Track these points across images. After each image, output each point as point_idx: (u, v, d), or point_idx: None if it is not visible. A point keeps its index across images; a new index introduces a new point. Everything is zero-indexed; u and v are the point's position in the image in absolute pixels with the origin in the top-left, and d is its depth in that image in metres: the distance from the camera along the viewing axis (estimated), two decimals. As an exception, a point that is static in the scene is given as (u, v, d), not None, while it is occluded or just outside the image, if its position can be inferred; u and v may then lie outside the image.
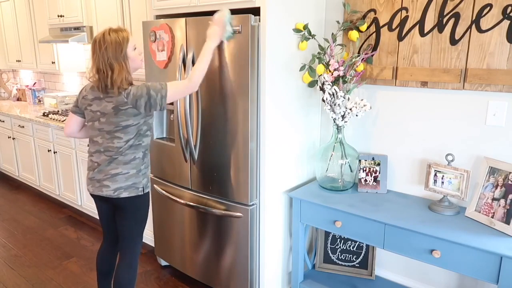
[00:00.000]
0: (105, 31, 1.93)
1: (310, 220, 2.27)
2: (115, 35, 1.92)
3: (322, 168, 2.39)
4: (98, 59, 1.90)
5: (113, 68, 1.90)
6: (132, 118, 1.94)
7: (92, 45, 1.93)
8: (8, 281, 2.82)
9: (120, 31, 1.95)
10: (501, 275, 1.68)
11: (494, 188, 1.91)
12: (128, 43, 1.95)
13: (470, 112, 2.07)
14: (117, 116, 1.93)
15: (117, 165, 1.99)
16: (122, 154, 1.99)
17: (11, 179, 4.98)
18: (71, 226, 3.69)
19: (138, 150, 2.02)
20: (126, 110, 1.92)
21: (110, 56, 1.89)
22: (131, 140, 1.98)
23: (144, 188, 2.07)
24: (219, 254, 2.47)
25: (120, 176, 1.99)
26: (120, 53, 1.91)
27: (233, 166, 2.26)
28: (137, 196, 2.04)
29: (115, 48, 1.90)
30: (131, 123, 1.95)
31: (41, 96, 5.05)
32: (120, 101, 1.91)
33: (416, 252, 1.89)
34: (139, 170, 2.04)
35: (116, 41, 1.91)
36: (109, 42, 1.90)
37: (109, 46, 1.89)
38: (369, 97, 2.39)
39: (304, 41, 2.24)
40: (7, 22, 4.87)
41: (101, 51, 1.89)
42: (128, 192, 2.01)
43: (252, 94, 2.11)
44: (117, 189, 2.00)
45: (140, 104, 1.93)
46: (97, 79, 1.94)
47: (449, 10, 2.02)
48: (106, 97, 1.94)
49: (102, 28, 3.47)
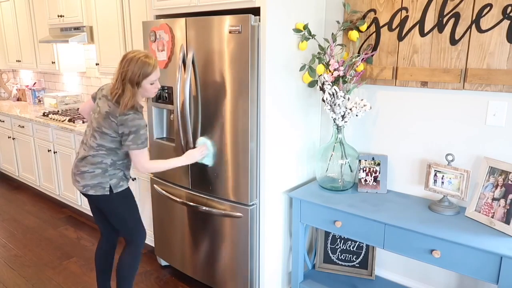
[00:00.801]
0: (137, 55, 2.04)
1: (310, 220, 2.27)
2: (141, 64, 2.02)
3: (322, 168, 2.39)
4: (118, 73, 2.06)
5: (124, 88, 2.04)
6: (112, 131, 2.10)
7: (122, 59, 2.07)
8: (8, 281, 2.82)
9: (148, 62, 2.04)
10: (501, 275, 1.68)
11: (494, 188, 1.91)
12: (148, 77, 2.06)
13: (470, 112, 2.07)
14: (104, 120, 2.10)
15: (85, 164, 2.15)
16: (92, 155, 2.14)
17: (11, 179, 4.98)
18: (71, 226, 3.69)
19: (107, 158, 2.15)
20: (112, 123, 2.08)
21: (127, 77, 2.03)
22: (104, 147, 2.13)
23: (112, 187, 2.17)
24: (219, 254, 2.47)
25: (87, 174, 2.15)
26: (134, 81, 2.04)
27: (233, 166, 2.26)
28: (105, 195, 2.16)
29: (134, 74, 2.02)
30: (109, 133, 2.11)
31: (41, 96, 5.06)
32: (114, 113, 2.07)
33: (416, 252, 1.89)
34: (105, 171, 2.15)
35: (139, 69, 2.02)
36: (132, 67, 2.02)
37: (130, 71, 2.02)
38: (369, 97, 2.39)
39: (304, 41, 2.24)
40: (7, 22, 4.87)
41: (123, 69, 2.03)
42: (94, 190, 2.15)
43: (252, 94, 2.11)
44: (85, 186, 2.15)
45: (121, 133, 2.08)
46: (113, 87, 2.09)
47: (449, 10, 2.02)
48: (110, 101, 2.09)
49: (102, 28, 3.47)
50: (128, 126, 2.05)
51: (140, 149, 2.09)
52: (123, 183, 2.22)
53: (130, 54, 2.05)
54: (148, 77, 2.05)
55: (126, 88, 2.03)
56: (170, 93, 2.50)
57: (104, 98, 2.14)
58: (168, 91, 2.50)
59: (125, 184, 2.24)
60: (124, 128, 2.05)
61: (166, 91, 2.51)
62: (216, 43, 2.17)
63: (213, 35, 2.18)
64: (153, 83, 2.10)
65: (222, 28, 2.12)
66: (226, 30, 2.11)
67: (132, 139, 2.06)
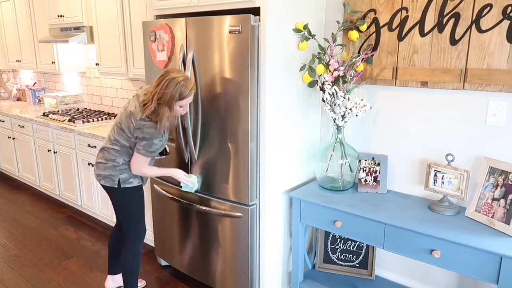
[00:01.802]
0: (179, 77, 2.06)
1: (310, 220, 2.27)
2: (180, 87, 2.05)
3: (322, 168, 2.39)
4: (155, 91, 2.07)
5: (158, 109, 2.06)
6: (128, 130, 2.18)
7: (162, 76, 2.08)
8: (8, 281, 2.82)
9: (187, 87, 2.07)
10: (501, 275, 1.68)
11: (494, 188, 1.91)
12: (182, 101, 2.10)
13: (470, 112, 2.07)
14: (126, 118, 2.18)
15: (102, 155, 2.28)
16: (108, 149, 2.25)
17: (11, 179, 4.98)
18: (71, 226, 3.69)
19: (120, 158, 2.24)
20: (131, 124, 2.15)
21: (163, 99, 2.05)
22: (119, 143, 2.21)
23: (120, 182, 2.25)
24: (219, 254, 2.47)
25: (100, 165, 2.27)
26: (169, 103, 2.07)
27: (233, 166, 2.26)
28: (113, 187, 2.26)
29: (172, 98, 2.06)
30: (126, 132, 2.18)
31: (41, 96, 5.06)
32: (135, 116, 2.12)
33: (416, 252, 1.89)
34: (116, 165, 2.24)
35: (176, 92, 2.05)
36: (171, 90, 2.04)
37: (168, 94, 2.05)
38: (369, 97, 2.39)
39: (304, 41, 2.24)
40: (7, 22, 4.87)
41: (162, 90, 2.05)
42: (105, 181, 2.27)
43: (252, 94, 2.11)
44: (98, 175, 2.29)
45: (136, 136, 2.15)
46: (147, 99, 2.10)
47: (449, 10, 2.02)
48: (138, 102, 2.15)
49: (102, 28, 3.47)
50: (144, 132, 2.11)
51: (147, 156, 2.17)
52: (133, 180, 2.29)
53: (171, 74, 2.07)
54: (182, 101, 2.10)
55: (162, 110, 2.07)
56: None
57: (135, 97, 2.20)
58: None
59: (135, 181, 2.30)
60: (139, 132, 2.12)
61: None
62: (216, 43, 2.17)
63: (213, 35, 2.18)
64: (182, 106, 2.14)
65: (222, 28, 2.12)
66: (226, 30, 2.11)
67: (144, 145, 2.14)
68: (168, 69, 2.12)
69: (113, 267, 2.62)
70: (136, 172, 2.24)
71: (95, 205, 3.66)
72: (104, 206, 3.55)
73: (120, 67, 3.45)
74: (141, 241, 2.42)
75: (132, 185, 2.29)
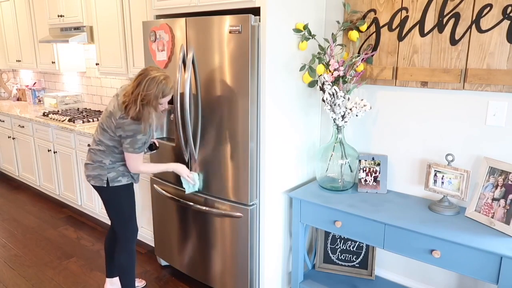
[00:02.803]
0: (159, 76, 2.07)
1: (310, 220, 2.27)
2: (161, 86, 2.07)
3: (322, 168, 2.39)
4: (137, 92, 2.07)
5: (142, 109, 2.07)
6: (110, 130, 2.18)
7: (141, 75, 2.09)
8: (8, 281, 2.82)
9: (168, 86, 2.10)
10: (501, 275, 1.68)
11: (494, 188, 1.91)
12: (162, 99, 2.11)
13: (470, 112, 2.07)
14: (106, 118, 2.19)
15: (89, 157, 2.30)
16: (94, 151, 2.26)
17: (11, 179, 4.98)
18: (71, 226, 3.69)
19: (107, 157, 2.24)
20: (111, 123, 2.16)
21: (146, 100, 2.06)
22: (103, 143, 2.22)
23: (109, 181, 2.25)
24: (219, 254, 2.47)
25: (89, 165, 2.29)
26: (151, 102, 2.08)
27: (233, 166, 2.26)
28: (102, 187, 2.27)
29: (155, 97, 2.07)
30: (108, 131, 2.19)
31: (41, 96, 5.06)
32: (115, 115, 2.13)
33: (416, 252, 1.89)
34: (103, 165, 2.25)
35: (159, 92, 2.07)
36: (153, 89, 2.05)
37: (151, 95, 2.06)
38: (369, 97, 2.39)
39: (304, 41, 2.24)
40: (7, 22, 4.87)
41: (144, 91, 2.05)
42: (94, 181, 2.27)
43: (252, 94, 2.11)
44: (88, 176, 2.30)
45: (119, 135, 2.15)
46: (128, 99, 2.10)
47: (449, 10, 2.02)
48: (117, 101, 2.15)
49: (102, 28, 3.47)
50: (125, 130, 2.12)
51: (136, 153, 2.17)
52: (122, 179, 2.28)
53: (151, 74, 2.07)
54: (163, 99, 2.12)
55: (147, 111, 2.08)
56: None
57: (115, 97, 2.20)
58: (168, 91, 2.50)
59: (124, 180, 2.30)
60: (121, 131, 2.13)
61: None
62: (216, 43, 2.17)
63: (213, 35, 2.18)
64: (162, 104, 2.15)
65: (222, 28, 2.12)
66: (226, 30, 2.11)
67: (129, 142, 2.15)
68: (146, 68, 2.13)
69: (111, 270, 2.62)
70: (135, 171, 2.24)
71: (95, 205, 3.66)
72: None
73: (120, 67, 3.45)
74: (133, 240, 2.42)
75: (121, 183, 2.28)
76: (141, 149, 2.19)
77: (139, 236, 3.10)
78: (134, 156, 2.18)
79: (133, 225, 2.40)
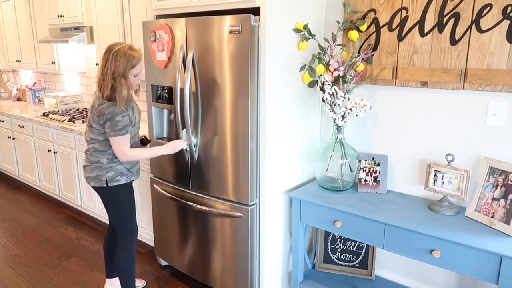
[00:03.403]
0: (122, 48, 2.09)
1: (310, 220, 2.27)
2: (128, 56, 2.09)
3: (322, 168, 2.39)
4: (106, 67, 2.09)
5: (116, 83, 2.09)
6: (96, 123, 2.18)
7: (107, 52, 2.11)
8: (8, 281, 2.82)
9: (133, 55, 2.11)
10: (501, 275, 1.68)
11: (494, 188, 1.91)
12: (133, 69, 2.12)
13: (470, 112, 2.07)
14: (90, 113, 2.21)
15: (86, 159, 2.31)
16: (90, 153, 2.27)
17: (11, 179, 4.98)
18: (71, 226, 3.69)
19: (103, 156, 2.24)
20: (94, 115, 2.17)
21: (117, 72, 2.08)
22: (95, 141, 2.22)
23: (108, 181, 2.25)
24: (219, 254, 2.47)
25: (87, 167, 2.30)
26: (124, 74, 2.10)
27: (233, 166, 2.26)
28: (102, 187, 2.27)
29: (124, 68, 2.09)
30: (94, 126, 2.19)
31: (41, 96, 5.05)
32: (94, 105, 2.16)
33: (416, 252, 1.89)
34: (101, 165, 2.24)
35: (126, 61, 2.09)
36: (121, 60, 2.07)
37: (119, 66, 2.07)
38: (369, 97, 2.39)
39: (304, 41, 2.24)
40: (7, 22, 4.87)
41: (112, 63, 2.08)
42: (94, 182, 2.27)
43: (252, 94, 2.11)
44: (87, 177, 2.30)
45: (102, 123, 2.15)
46: (100, 81, 2.15)
47: (449, 10, 2.02)
48: (95, 96, 2.19)
49: (102, 28, 3.47)
50: (105, 114, 2.11)
51: (118, 135, 2.15)
52: (121, 178, 2.28)
53: (115, 47, 2.10)
54: (133, 69, 2.12)
55: (119, 83, 2.09)
56: (170, 93, 2.50)
57: (95, 94, 2.22)
58: (168, 91, 2.50)
59: (123, 179, 2.29)
60: (102, 118, 2.13)
61: (166, 91, 2.51)
62: (216, 43, 2.17)
63: (213, 35, 2.18)
64: (136, 75, 2.16)
65: (222, 28, 2.12)
66: (226, 30, 2.11)
67: (109, 126, 2.13)
68: (109, 45, 2.14)
69: (110, 271, 2.62)
70: (123, 158, 2.20)
71: (95, 205, 3.66)
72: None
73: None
74: (133, 240, 2.41)
75: (120, 183, 2.28)
76: (122, 131, 2.14)
77: (139, 236, 3.09)
78: (117, 139, 2.14)
79: (133, 225, 2.40)
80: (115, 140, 2.15)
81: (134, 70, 2.12)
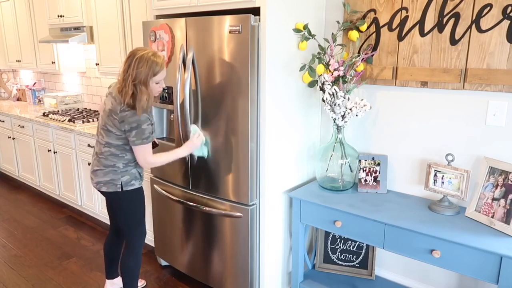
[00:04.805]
0: (146, 54, 2.03)
1: (310, 220, 2.27)
2: (151, 63, 2.02)
3: (322, 168, 2.39)
4: (127, 73, 2.03)
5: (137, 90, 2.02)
6: (115, 128, 2.11)
7: (130, 57, 2.05)
8: (8, 281, 2.82)
9: (157, 62, 2.04)
10: (501, 275, 1.68)
11: (494, 188, 1.91)
12: (155, 77, 2.06)
13: (470, 112, 2.07)
14: (107, 118, 2.13)
15: (98, 163, 2.22)
16: (104, 157, 2.18)
17: (11, 179, 4.98)
18: (71, 226, 3.69)
19: (120, 160, 2.18)
20: (114, 120, 2.10)
21: (138, 79, 2.02)
22: (111, 145, 2.15)
23: (123, 185, 2.20)
24: (219, 254, 2.47)
25: (99, 172, 2.21)
26: (146, 81, 2.03)
27: (233, 166, 2.26)
28: (116, 192, 2.20)
29: (146, 75, 2.02)
30: (113, 131, 2.12)
31: (41, 96, 5.05)
32: (115, 110, 2.08)
33: (416, 252, 1.89)
34: (117, 169, 2.18)
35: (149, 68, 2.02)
36: (143, 67, 2.01)
37: (141, 72, 2.01)
38: (369, 97, 2.39)
39: (304, 41, 2.24)
40: (7, 22, 4.87)
41: (133, 70, 2.01)
42: (107, 187, 2.20)
43: (252, 94, 2.11)
44: (98, 182, 2.22)
45: (124, 130, 2.09)
46: (121, 86, 2.07)
47: (449, 10, 2.02)
48: (113, 98, 2.12)
49: (102, 28, 3.47)
50: (129, 122, 2.06)
51: (144, 144, 2.10)
52: (135, 182, 2.25)
53: (139, 52, 2.03)
54: (155, 77, 2.06)
55: (139, 91, 2.02)
56: (170, 93, 2.50)
57: (109, 96, 2.16)
58: (168, 91, 2.50)
59: (137, 183, 2.26)
60: (125, 124, 2.07)
61: (166, 91, 2.51)
62: (216, 43, 2.17)
63: (213, 35, 2.18)
64: (158, 83, 2.10)
65: (222, 28, 2.12)
66: (226, 30, 2.11)
67: (136, 134, 2.07)
68: (133, 50, 2.08)
69: (111, 272, 2.60)
70: (146, 165, 2.17)
71: (95, 205, 3.66)
72: (104, 206, 3.54)
73: (120, 67, 3.44)
74: (142, 244, 2.39)
75: (135, 187, 2.24)
76: (150, 139, 2.11)
77: (139, 236, 3.10)
78: (143, 148, 2.10)
79: (142, 229, 2.37)
80: (140, 148, 2.11)
81: (156, 78, 2.05)
